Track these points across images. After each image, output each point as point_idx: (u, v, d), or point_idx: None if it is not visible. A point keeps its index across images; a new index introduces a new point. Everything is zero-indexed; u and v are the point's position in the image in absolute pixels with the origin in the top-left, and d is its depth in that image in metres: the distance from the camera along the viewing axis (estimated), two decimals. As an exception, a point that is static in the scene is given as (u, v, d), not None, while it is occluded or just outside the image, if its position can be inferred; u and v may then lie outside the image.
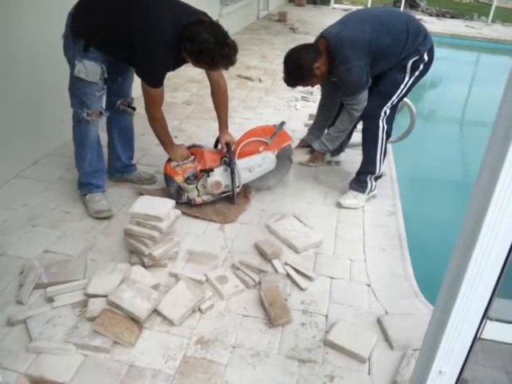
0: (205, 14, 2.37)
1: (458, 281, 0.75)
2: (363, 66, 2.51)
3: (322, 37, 2.59)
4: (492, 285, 0.74)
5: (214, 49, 2.21)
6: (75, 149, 2.56)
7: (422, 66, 2.58)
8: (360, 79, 2.55)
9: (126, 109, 2.66)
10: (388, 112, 2.66)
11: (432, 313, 0.86)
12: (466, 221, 0.76)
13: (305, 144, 3.15)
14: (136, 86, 2.54)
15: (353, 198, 2.78)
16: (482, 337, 0.79)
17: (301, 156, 3.08)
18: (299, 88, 4.68)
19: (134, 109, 2.71)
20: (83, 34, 2.26)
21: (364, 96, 2.62)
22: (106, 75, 2.36)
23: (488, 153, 0.70)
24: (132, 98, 2.70)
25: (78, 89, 2.36)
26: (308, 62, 2.55)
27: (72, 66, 2.31)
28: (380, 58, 2.54)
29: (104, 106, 2.54)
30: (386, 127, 2.68)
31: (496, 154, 0.67)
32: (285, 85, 2.75)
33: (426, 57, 2.56)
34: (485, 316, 0.77)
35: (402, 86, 2.60)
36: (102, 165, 2.65)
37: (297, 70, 2.61)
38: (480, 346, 1.17)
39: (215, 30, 2.25)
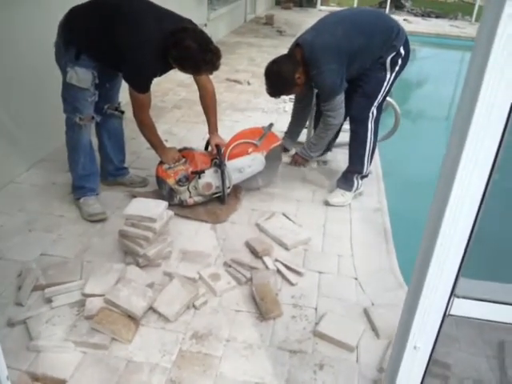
0: (190, 22, 2.46)
1: (427, 262, 0.83)
2: (335, 68, 2.56)
3: (298, 45, 2.66)
4: (457, 265, 0.82)
5: (197, 55, 2.29)
6: (68, 153, 2.61)
7: (400, 61, 2.62)
8: (333, 82, 2.60)
9: (113, 112, 2.71)
10: (375, 112, 2.72)
11: (406, 293, 0.94)
12: (433, 208, 0.84)
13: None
14: (125, 91, 2.61)
15: (340, 196, 2.86)
16: (451, 313, 0.88)
17: None
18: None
19: (122, 112, 2.76)
20: (74, 42, 2.32)
21: (339, 102, 2.66)
22: (97, 81, 2.42)
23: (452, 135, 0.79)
24: (119, 103, 2.75)
25: (70, 95, 2.42)
26: (289, 74, 2.65)
27: (64, 73, 2.37)
28: (355, 59, 2.59)
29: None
30: (373, 128, 2.75)
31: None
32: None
33: (402, 51, 2.60)
34: (452, 294, 0.86)
35: (385, 84, 2.66)
36: (95, 168, 2.70)
37: (280, 81, 2.71)
38: (461, 332, 1.25)
39: (198, 36, 2.33)
